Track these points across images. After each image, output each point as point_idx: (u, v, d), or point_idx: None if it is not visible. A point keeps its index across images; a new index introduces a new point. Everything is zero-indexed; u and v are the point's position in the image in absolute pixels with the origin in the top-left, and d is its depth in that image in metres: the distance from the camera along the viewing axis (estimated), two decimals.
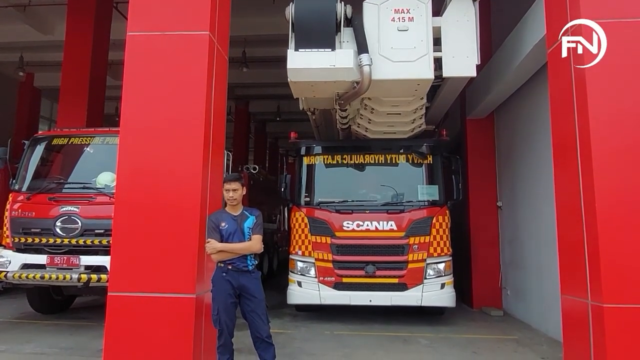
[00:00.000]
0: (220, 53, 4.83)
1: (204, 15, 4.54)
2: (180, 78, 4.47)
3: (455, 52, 5.64)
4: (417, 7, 5.56)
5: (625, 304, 3.68)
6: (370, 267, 6.79)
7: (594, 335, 3.82)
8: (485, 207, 8.76)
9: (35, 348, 5.51)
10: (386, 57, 5.49)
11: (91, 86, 9.02)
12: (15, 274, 5.99)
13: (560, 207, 4.43)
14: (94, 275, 5.81)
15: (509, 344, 6.14)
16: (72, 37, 9.04)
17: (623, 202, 3.83)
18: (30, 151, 6.82)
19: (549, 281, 6.17)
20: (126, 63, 4.51)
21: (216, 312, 4.02)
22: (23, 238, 6.20)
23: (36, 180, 6.63)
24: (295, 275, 7.11)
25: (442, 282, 6.85)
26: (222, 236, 4.10)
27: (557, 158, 4.49)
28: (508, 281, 8.34)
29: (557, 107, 4.53)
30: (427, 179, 7.43)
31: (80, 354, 5.32)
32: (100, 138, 6.83)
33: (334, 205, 7.18)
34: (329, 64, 5.32)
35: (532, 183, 7.21)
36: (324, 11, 5.39)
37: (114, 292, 4.19)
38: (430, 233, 6.90)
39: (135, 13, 4.61)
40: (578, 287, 4.02)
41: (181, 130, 4.39)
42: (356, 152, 7.49)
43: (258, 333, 4.09)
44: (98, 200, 6.15)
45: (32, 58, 12.71)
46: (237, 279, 4.08)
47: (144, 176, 4.38)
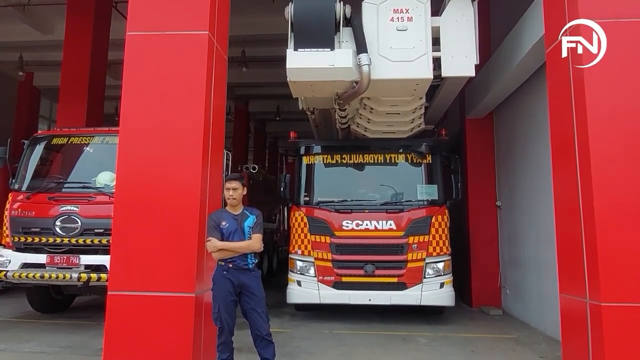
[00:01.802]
0: (220, 53, 4.84)
1: (203, 15, 4.55)
2: (179, 78, 4.48)
3: (454, 52, 5.66)
4: (416, 7, 5.58)
5: (623, 302, 3.71)
6: (370, 266, 6.81)
7: (592, 333, 3.84)
8: (484, 206, 8.78)
9: (35, 347, 5.52)
10: (385, 56, 5.51)
11: (91, 86, 9.01)
12: (15, 273, 6.00)
13: (559, 207, 4.45)
14: (94, 274, 5.82)
15: (508, 343, 6.16)
16: (71, 36, 9.04)
17: (621, 201, 3.85)
18: (29, 150, 6.82)
19: (548, 280, 6.19)
20: (126, 63, 4.52)
21: (217, 310, 4.04)
22: (23, 237, 6.21)
23: (36, 180, 6.63)
24: (295, 275, 7.12)
25: (442, 282, 6.86)
26: (222, 235, 4.12)
27: (556, 157, 4.50)
28: (507, 280, 8.36)
29: (555, 107, 4.55)
30: (427, 178, 7.45)
31: (79, 353, 5.32)
32: (99, 137, 6.85)
33: (333, 204, 7.18)
34: (328, 64, 5.33)
35: (531, 182, 7.23)
36: (323, 11, 5.41)
37: (113, 291, 4.21)
38: (429, 232, 6.91)
39: (134, 13, 4.62)
40: (576, 286, 4.04)
41: (181, 129, 4.41)
42: (355, 152, 7.50)
43: (258, 331, 4.11)
44: (98, 200, 6.15)
45: (31, 57, 12.70)
46: (237, 277, 4.10)
47: (144, 175, 4.40)
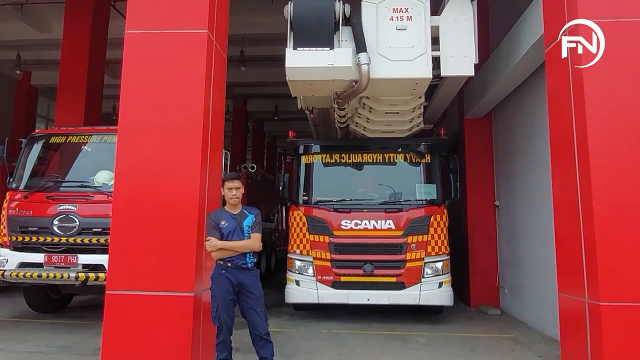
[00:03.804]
0: (219, 51, 4.83)
1: (202, 14, 4.54)
2: (178, 76, 4.47)
3: (453, 52, 5.66)
4: (415, 6, 5.57)
5: (622, 302, 3.72)
6: (368, 266, 6.80)
7: (591, 333, 3.85)
8: (482, 206, 8.79)
9: (33, 347, 5.50)
10: (384, 56, 5.50)
11: (88, 85, 8.98)
12: (13, 272, 5.98)
13: (558, 206, 4.45)
14: (92, 274, 5.81)
15: (506, 343, 6.16)
16: (69, 35, 9.01)
17: (620, 201, 3.86)
18: (27, 149, 6.79)
19: (546, 280, 6.19)
20: (124, 61, 4.51)
21: (215, 309, 4.03)
22: (20, 237, 6.18)
23: (33, 179, 6.61)
24: (294, 274, 7.10)
25: (440, 281, 6.85)
26: (222, 234, 4.11)
27: (555, 157, 4.51)
28: (505, 280, 8.37)
29: (554, 106, 4.55)
30: (425, 178, 7.45)
31: (77, 353, 5.30)
32: (97, 136, 6.83)
33: (332, 204, 7.18)
34: (328, 63, 5.33)
35: (529, 182, 7.23)
36: (323, 10, 5.40)
37: (112, 290, 4.21)
38: (428, 232, 6.90)
39: (133, 11, 4.61)
40: (575, 286, 4.05)
41: (180, 128, 4.40)
42: (354, 151, 7.50)
43: (256, 330, 4.11)
44: (96, 199, 6.14)
45: (29, 56, 12.65)
46: (236, 276, 4.09)
47: (142, 174, 4.40)
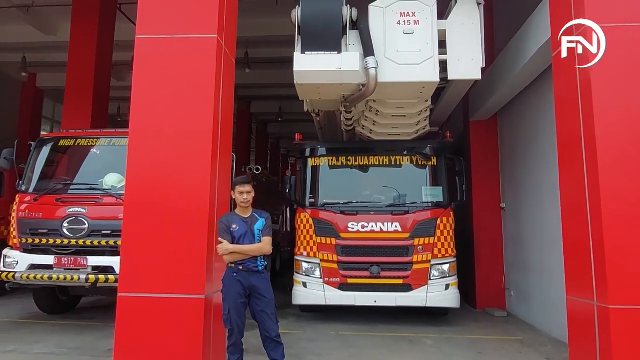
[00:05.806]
0: (228, 56, 4.86)
1: (212, 18, 4.57)
2: (189, 81, 4.50)
3: (460, 55, 5.68)
4: (422, 10, 5.60)
5: (632, 305, 3.71)
6: (375, 268, 6.83)
7: (599, 336, 3.85)
8: (488, 208, 8.81)
9: (44, 348, 5.55)
10: (392, 60, 5.53)
11: (95, 87, 9.03)
12: (23, 274, 6.03)
13: (566, 208, 4.45)
14: (102, 275, 5.86)
15: (514, 345, 6.18)
16: (76, 38, 9.07)
17: (629, 203, 3.85)
18: (36, 152, 6.85)
19: (553, 282, 6.21)
20: (135, 66, 4.54)
21: (227, 312, 4.07)
22: (30, 239, 6.24)
23: (43, 181, 6.67)
24: (300, 276, 7.14)
25: (447, 283, 6.88)
26: (233, 238, 4.14)
27: (562, 159, 4.52)
28: (511, 282, 8.38)
29: (562, 108, 4.56)
30: (431, 180, 7.48)
31: (89, 354, 5.35)
32: (106, 139, 6.88)
33: (338, 206, 7.21)
34: (335, 67, 5.35)
35: (535, 184, 7.25)
36: (330, 14, 5.42)
37: (123, 292, 4.23)
38: (434, 234, 6.93)
39: (144, 16, 4.64)
40: (584, 288, 4.05)
41: (190, 132, 4.43)
42: (360, 154, 7.53)
43: (267, 332, 4.14)
44: (105, 202, 6.20)
45: (34, 59, 12.72)
46: (247, 279, 4.12)
47: (153, 178, 4.42)
